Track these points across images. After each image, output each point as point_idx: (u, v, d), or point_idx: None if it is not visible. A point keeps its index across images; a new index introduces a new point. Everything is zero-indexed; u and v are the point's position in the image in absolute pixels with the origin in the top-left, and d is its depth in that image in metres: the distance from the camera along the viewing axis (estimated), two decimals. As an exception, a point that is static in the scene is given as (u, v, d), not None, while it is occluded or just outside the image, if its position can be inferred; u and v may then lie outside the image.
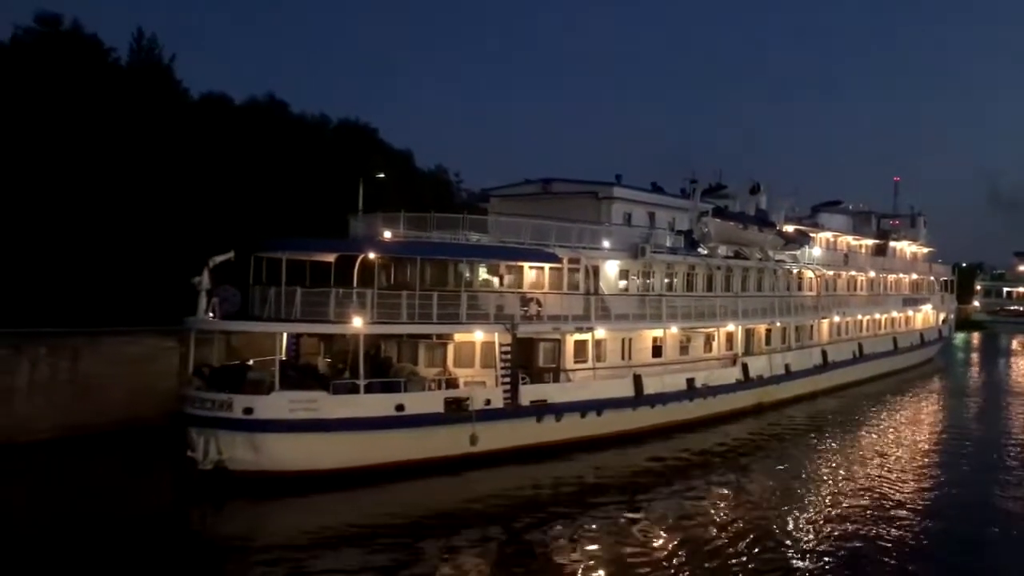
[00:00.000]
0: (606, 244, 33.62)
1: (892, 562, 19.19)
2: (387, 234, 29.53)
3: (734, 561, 18.97)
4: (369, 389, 25.25)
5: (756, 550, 19.61)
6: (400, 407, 25.37)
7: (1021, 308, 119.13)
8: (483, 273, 31.35)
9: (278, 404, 24.00)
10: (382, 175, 42.38)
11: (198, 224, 37.55)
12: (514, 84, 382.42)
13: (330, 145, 52.19)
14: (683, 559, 19.00)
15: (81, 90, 36.06)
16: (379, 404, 25.19)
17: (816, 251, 50.08)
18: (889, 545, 20.29)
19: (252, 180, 42.17)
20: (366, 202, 33.74)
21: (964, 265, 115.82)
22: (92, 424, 29.02)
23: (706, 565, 18.69)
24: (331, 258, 31.09)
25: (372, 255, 28.64)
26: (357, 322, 25.34)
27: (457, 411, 26.18)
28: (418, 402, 25.84)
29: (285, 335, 28.16)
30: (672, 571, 18.31)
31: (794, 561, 19.09)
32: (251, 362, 27.29)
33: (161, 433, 28.90)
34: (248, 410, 23.80)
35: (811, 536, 20.97)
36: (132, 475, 26.16)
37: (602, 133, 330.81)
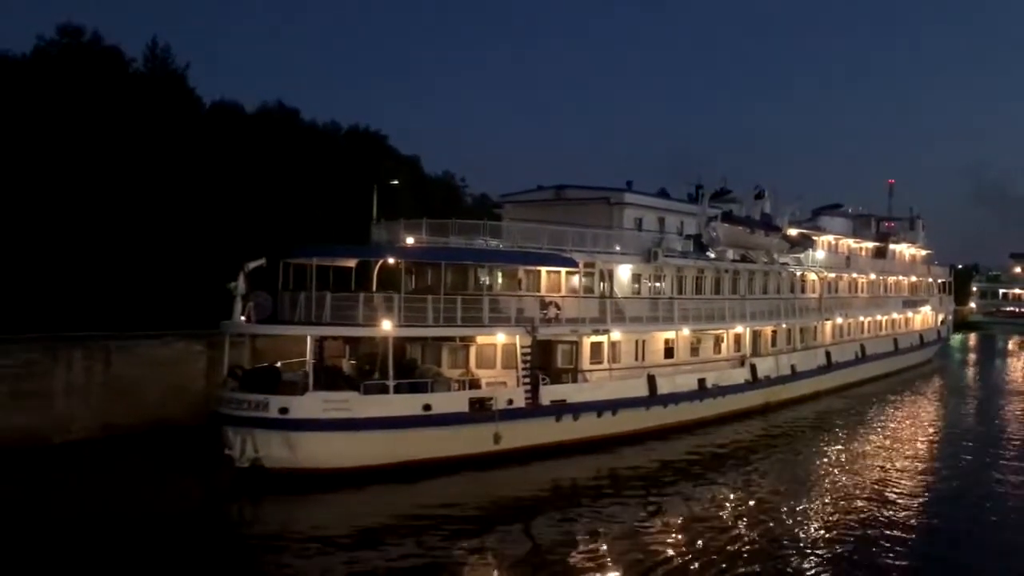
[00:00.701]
0: (618, 248, 34.59)
1: (895, 553, 20.01)
2: (409, 240, 30.55)
3: (746, 556, 19.67)
4: (397, 390, 26.23)
5: (767, 545, 20.39)
6: (427, 407, 26.34)
7: (1017, 309, 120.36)
8: (500, 277, 32.35)
9: (312, 404, 24.99)
10: (396, 182, 43.35)
11: (218, 231, 38.52)
12: (513, 86, 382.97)
13: (343, 152, 53.10)
14: (696, 554, 19.70)
15: (106, 100, 36.98)
16: (407, 404, 26.17)
17: (819, 254, 51.11)
18: (893, 537, 21.15)
19: (270, 188, 43.07)
20: (379, 208, 34.77)
21: (960, 267, 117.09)
22: (125, 425, 29.96)
23: (717, 559, 19.38)
24: (352, 263, 32.23)
25: (398, 260, 29.81)
26: (386, 325, 26.32)
27: (481, 411, 27.16)
28: (444, 402, 26.81)
29: (310, 338, 29.20)
30: (686, 566, 19.02)
31: (802, 554, 19.85)
32: (279, 364, 28.26)
33: (192, 433, 29.88)
34: (284, 410, 24.76)
35: (819, 530, 21.83)
36: (169, 473, 27.00)
37: (601, 135, 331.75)
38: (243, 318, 26.58)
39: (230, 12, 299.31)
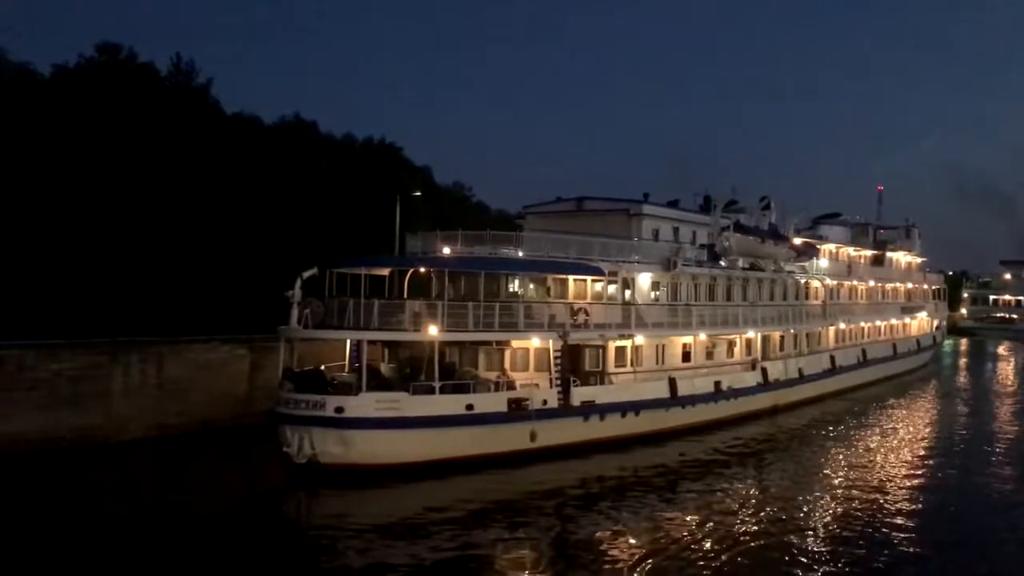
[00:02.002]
0: (639, 258, 36.37)
1: (898, 554, 21.08)
2: (446, 250, 32.30)
3: (759, 549, 20.98)
4: (442, 391, 27.98)
5: (779, 540, 21.69)
6: (470, 407, 28.10)
7: (1007, 315, 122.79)
8: (531, 285, 34.12)
9: (366, 404, 26.71)
10: (419, 193, 45.05)
11: (252, 242, 40.11)
12: (511, 87, 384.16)
13: (361, 164, 54.74)
14: (713, 547, 20.93)
15: (148, 115, 38.63)
16: (452, 404, 27.91)
17: (823, 262, 53.04)
18: (896, 537, 22.23)
19: (297, 200, 44.65)
20: (401, 218, 36.44)
21: (951, 273, 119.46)
22: (177, 424, 31.70)
23: (732, 550, 20.71)
24: (385, 272, 33.99)
25: (428, 269, 31.79)
26: (433, 330, 28.11)
27: (518, 410, 28.91)
28: (485, 402, 28.56)
29: (348, 342, 30.87)
30: (704, 558, 20.19)
31: (810, 548, 21.13)
32: (322, 367, 29.90)
33: (237, 433, 31.76)
34: (339, 409, 26.46)
35: (824, 528, 23.06)
36: (225, 470, 28.90)
37: (601, 136, 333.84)
38: (297, 323, 28.18)
39: (226, 14, 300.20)
